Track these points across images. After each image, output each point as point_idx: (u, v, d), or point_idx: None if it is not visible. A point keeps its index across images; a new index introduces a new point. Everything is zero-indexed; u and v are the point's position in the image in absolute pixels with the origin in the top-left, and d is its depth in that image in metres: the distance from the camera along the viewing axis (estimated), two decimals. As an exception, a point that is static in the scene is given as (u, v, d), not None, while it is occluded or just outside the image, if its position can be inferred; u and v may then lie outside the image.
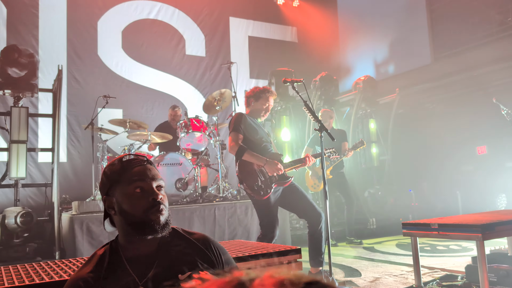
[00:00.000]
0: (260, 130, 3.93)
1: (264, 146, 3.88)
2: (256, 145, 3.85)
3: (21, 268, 2.22)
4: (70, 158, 7.35)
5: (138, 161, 1.45)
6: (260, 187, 3.72)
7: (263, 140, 3.89)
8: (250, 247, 2.58)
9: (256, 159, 3.74)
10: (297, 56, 9.98)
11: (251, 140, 3.85)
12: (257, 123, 3.98)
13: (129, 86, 8.05)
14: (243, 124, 3.85)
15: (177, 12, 8.74)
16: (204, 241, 1.48)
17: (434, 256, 4.96)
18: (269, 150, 3.90)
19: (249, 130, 3.86)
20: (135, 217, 1.38)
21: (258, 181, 3.74)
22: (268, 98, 3.95)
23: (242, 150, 3.75)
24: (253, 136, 3.86)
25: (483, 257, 2.82)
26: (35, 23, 7.40)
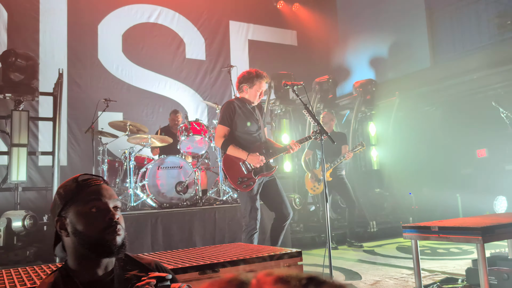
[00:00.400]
0: (250, 118, 3.91)
1: (253, 136, 3.90)
2: (244, 135, 3.88)
3: (23, 271, 2.23)
4: (70, 161, 7.36)
5: (94, 181, 1.39)
6: (243, 180, 3.78)
7: (252, 130, 3.90)
8: (251, 250, 2.58)
9: (238, 153, 3.78)
10: (296, 60, 10.00)
11: (239, 131, 3.88)
12: (248, 109, 3.95)
13: (129, 89, 8.06)
14: (231, 115, 3.87)
15: (177, 16, 8.76)
16: (155, 265, 1.49)
17: (435, 259, 4.96)
18: (257, 140, 3.91)
19: (238, 121, 3.87)
20: (90, 237, 1.32)
21: (242, 174, 3.80)
22: (262, 82, 3.92)
23: (226, 144, 3.81)
24: (241, 127, 3.87)
25: (483, 260, 2.82)
26: (35, 27, 7.43)
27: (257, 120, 3.95)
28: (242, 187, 3.80)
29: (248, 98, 3.96)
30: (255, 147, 3.85)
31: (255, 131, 3.92)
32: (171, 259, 2.36)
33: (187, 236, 5.26)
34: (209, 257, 2.37)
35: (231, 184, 3.85)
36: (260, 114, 4.03)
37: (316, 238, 6.75)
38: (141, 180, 5.79)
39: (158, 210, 5.45)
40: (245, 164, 3.81)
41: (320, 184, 6.26)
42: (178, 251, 2.72)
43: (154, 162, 5.80)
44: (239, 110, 3.88)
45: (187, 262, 2.21)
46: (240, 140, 3.87)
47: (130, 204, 5.63)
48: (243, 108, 3.92)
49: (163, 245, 5.07)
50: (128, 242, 1.41)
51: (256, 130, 3.93)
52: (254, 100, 3.96)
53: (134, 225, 5.10)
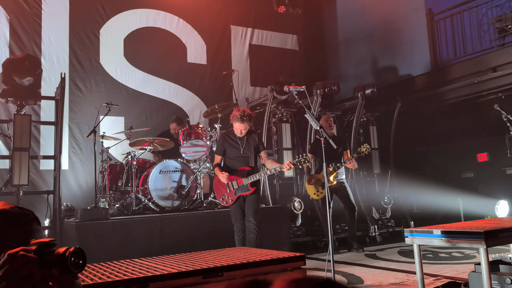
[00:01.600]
0: (236, 147, 4.73)
1: (237, 161, 4.73)
2: (230, 161, 4.78)
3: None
4: (72, 165, 7.36)
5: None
6: (224, 197, 4.71)
7: (237, 157, 4.74)
8: (254, 254, 2.58)
9: (218, 174, 4.70)
10: (297, 64, 10.02)
11: (228, 157, 4.81)
12: (236, 139, 4.75)
13: (131, 94, 8.07)
14: (222, 146, 4.81)
15: (178, 21, 8.79)
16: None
17: (437, 264, 4.95)
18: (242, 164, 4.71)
19: (227, 150, 4.78)
20: None
21: (225, 192, 4.69)
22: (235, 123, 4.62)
23: (214, 167, 4.80)
24: (229, 154, 4.78)
25: (486, 264, 2.82)
26: (38, 31, 7.45)
27: (240, 149, 4.73)
28: (224, 203, 4.78)
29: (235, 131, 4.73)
30: (238, 171, 4.69)
31: (240, 157, 4.72)
32: (175, 263, 2.36)
33: (188, 240, 5.26)
34: (213, 261, 2.37)
35: (217, 199, 4.88)
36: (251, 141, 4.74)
37: (317, 242, 6.74)
38: (143, 184, 5.79)
39: (159, 214, 5.45)
40: (228, 184, 4.65)
41: (324, 188, 6.25)
42: (181, 255, 2.72)
43: (155, 166, 5.80)
44: (228, 140, 4.77)
45: (191, 266, 2.21)
46: (228, 163, 4.81)
47: (132, 208, 5.63)
48: (229, 139, 4.78)
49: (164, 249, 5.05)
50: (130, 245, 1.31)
51: (242, 156, 4.72)
52: (237, 133, 4.69)
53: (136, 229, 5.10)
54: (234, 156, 4.74)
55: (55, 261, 0.99)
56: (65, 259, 0.99)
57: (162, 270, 2.13)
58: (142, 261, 2.54)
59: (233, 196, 4.65)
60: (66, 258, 0.99)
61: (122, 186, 6.17)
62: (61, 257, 0.99)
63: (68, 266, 0.99)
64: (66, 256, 0.99)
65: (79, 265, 1.01)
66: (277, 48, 9.93)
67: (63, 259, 0.99)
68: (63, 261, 0.99)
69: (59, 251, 1.00)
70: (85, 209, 5.17)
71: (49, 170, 6.59)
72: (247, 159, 4.74)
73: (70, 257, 0.99)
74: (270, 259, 2.38)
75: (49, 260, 0.99)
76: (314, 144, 6.39)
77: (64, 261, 0.99)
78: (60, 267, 0.99)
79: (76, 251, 1.01)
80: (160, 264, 2.37)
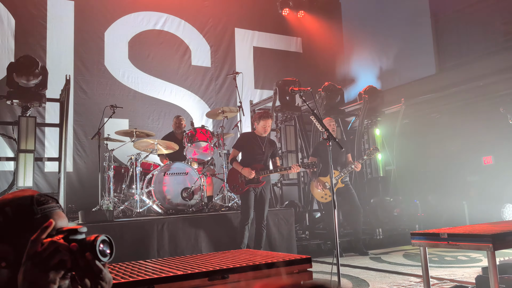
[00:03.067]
0: (256, 146, 5.28)
1: (255, 159, 5.27)
2: (249, 158, 5.29)
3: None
4: (76, 167, 7.37)
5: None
6: (235, 186, 5.26)
7: (255, 154, 5.29)
8: (259, 256, 2.57)
9: (237, 167, 5.22)
10: (302, 67, 10.01)
11: (246, 153, 5.33)
12: (258, 140, 5.31)
13: (135, 96, 8.09)
14: (241, 143, 5.36)
15: (183, 23, 8.81)
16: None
17: (443, 267, 4.92)
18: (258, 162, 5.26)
19: (246, 147, 5.32)
20: None
21: (237, 182, 5.23)
22: (266, 121, 5.24)
23: (232, 161, 5.33)
24: (248, 151, 5.32)
25: (494, 268, 2.79)
26: (43, 34, 7.48)
27: (261, 149, 5.30)
28: (234, 191, 5.44)
29: (258, 131, 5.33)
30: (254, 166, 5.19)
31: (257, 156, 5.28)
32: (180, 265, 2.35)
33: (193, 242, 5.25)
34: (218, 263, 2.35)
35: (229, 187, 5.51)
36: (269, 146, 5.37)
37: (322, 245, 6.71)
38: (147, 186, 5.79)
39: (164, 216, 5.44)
40: (241, 175, 5.18)
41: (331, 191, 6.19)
42: (186, 257, 2.71)
43: (160, 168, 5.80)
44: (248, 140, 5.33)
45: (196, 268, 2.20)
46: (245, 159, 5.31)
47: (136, 210, 5.62)
48: (253, 139, 5.34)
49: (169, 251, 5.05)
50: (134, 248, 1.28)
51: (259, 155, 5.28)
52: (262, 133, 5.30)
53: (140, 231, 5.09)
54: (253, 154, 5.27)
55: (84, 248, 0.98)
56: (94, 247, 0.98)
57: (168, 272, 2.12)
58: (147, 263, 2.53)
59: (243, 186, 5.19)
60: (95, 246, 0.98)
61: (126, 188, 6.17)
62: (90, 244, 0.98)
63: (96, 253, 0.98)
64: (95, 244, 0.98)
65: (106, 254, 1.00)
66: (281, 51, 9.94)
67: (92, 247, 0.98)
68: (92, 249, 0.98)
69: (90, 238, 1.00)
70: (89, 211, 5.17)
71: (54, 172, 6.60)
72: (263, 157, 5.31)
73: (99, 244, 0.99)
74: (276, 261, 2.36)
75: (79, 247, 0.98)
76: (318, 147, 6.38)
77: (93, 249, 0.98)
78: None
79: (105, 240, 1.01)
80: (166, 266, 2.36)
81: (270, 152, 5.39)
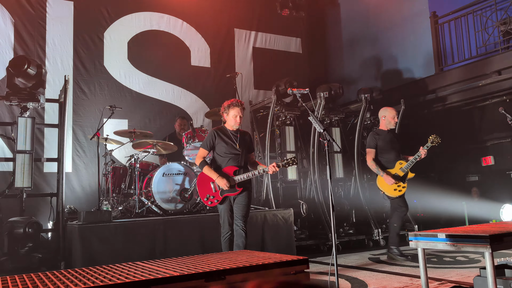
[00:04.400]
0: (229, 144, 4.48)
1: (229, 158, 4.48)
2: (221, 157, 4.50)
3: (27, 278, 2.22)
4: (75, 168, 7.37)
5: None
6: (209, 197, 4.48)
7: (228, 153, 4.48)
8: (257, 257, 2.57)
9: (210, 174, 4.43)
10: (301, 67, 10.01)
11: (218, 154, 4.52)
12: (230, 135, 4.53)
13: (134, 96, 8.09)
14: (211, 141, 4.52)
15: (182, 24, 8.80)
16: None
17: (441, 268, 4.91)
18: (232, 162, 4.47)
19: (218, 146, 4.51)
20: None
21: (210, 192, 4.48)
22: (234, 109, 4.46)
23: (202, 164, 4.50)
24: (220, 151, 4.51)
25: (492, 269, 2.79)
26: (42, 34, 7.48)
27: (235, 146, 4.49)
28: (208, 203, 4.56)
29: (229, 124, 4.54)
30: (226, 169, 4.46)
31: (231, 155, 4.48)
32: (177, 266, 2.34)
33: (191, 243, 5.25)
34: (215, 264, 2.35)
35: (200, 198, 4.68)
36: (243, 140, 4.56)
37: (320, 245, 6.71)
38: (146, 187, 5.79)
39: (163, 217, 5.45)
40: (214, 184, 4.44)
41: (405, 182, 5.72)
42: (184, 258, 2.71)
43: (159, 169, 5.80)
44: (220, 137, 4.49)
45: (193, 269, 2.20)
46: (217, 160, 4.52)
47: (135, 211, 5.62)
48: (222, 134, 4.52)
49: (168, 252, 5.05)
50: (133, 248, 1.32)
51: (233, 154, 4.48)
52: (233, 125, 4.51)
53: (139, 231, 5.09)
54: (225, 152, 4.48)
55: None
56: None
57: (164, 273, 2.11)
58: (144, 264, 2.53)
59: (219, 197, 4.44)
60: None
61: (125, 189, 6.17)
62: None
63: None
64: None
65: None
66: (281, 51, 9.93)
67: None
68: None
69: None
70: (88, 211, 5.17)
71: (53, 172, 6.59)
72: (238, 157, 4.51)
73: None
74: (273, 262, 2.36)
75: None
76: (374, 136, 5.90)
77: None
78: None
79: None
80: (162, 267, 2.35)
81: (245, 148, 4.59)
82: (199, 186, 4.59)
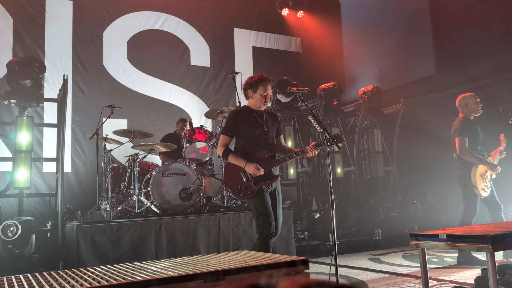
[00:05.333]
0: (254, 125, 3.81)
1: (258, 143, 3.81)
2: (249, 143, 3.80)
3: (25, 279, 2.20)
4: (74, 168, 7.35)
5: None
6: (241, 189, 3.71)
7: (257, 137, 3.80)
8: (256, 257, 2.54)
9: (237, 162, 3.72)
10: (301, 67, 10.00)
11: (244, 139, 3.82)
12: (253, 116, 3.86)
13: (134, 96, 8.07)
14: (234, 124, 3.82)
15: (182, 23, 8.79)
16: None
17: (442, 268, 4.89)
18: (263, 146, 3.81)
19: (242, 129, 3.81)
20: None
21: (241, 183, 3.72)
22: (266, 86, 3.81)
23: (226, 153, 3.79)
24: (245, 134, 3.81)
25: (493, 269, 2.77)
26: (41, 33, 7.46)
27: (263, 126, 3.83)
28: (240, 196, 3.78)
29: (254, 104, 3.87)
30: (259, 154, 3.77)
31: (260, 138, 3.81)
32: (176, 267, 2.32)
33: (191, 243, 5.23)
34: (214, 265, 2.33)
35: (231, 192, 3.88)
36: (272, 121, 3.93)
37: (321, 246, 6.69)
38: (145, 187, 5.76)
39: (162, 217, 5.42)
40: (244, 172, 3.72)
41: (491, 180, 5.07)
42: (183, 259, 2.68)
43: (158, 169, 5.78)
44: (242, 119, 3.83)
45: (192, 270, 2.17)
46: (245, 147, 3.81)
47: (134, 211, 5.60)
48: (247, 116, 3.84)
49: (167, 252, 5.03)
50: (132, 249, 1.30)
51: (261, 136, 3.82)
52: (260, 105, 3.85)
53: (138, 232, 5.06)
54: (253, 136, 3.80)
55: None
56: None
57: (163, 274, 2.09)
58: (143, 264, 2.51)
59: (253, 188, 3.70)
60: None
61: (124, 189, 6.14)
62: None
63: None
64: None
65: None
66: (281, 51, 9.92)
67: None
68: None
69: None
70: (87, 211, 5.14)
71: (52, 172, 6.57)
72: (268, 140, 3.87)
73: None
74: (273, 263, 2.34)
75: None
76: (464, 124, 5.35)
77: None
78: None
79: None
80: (161, 267, 2.33)
81: (274, 130, 3.97)
82: (227, 178, 3.85)
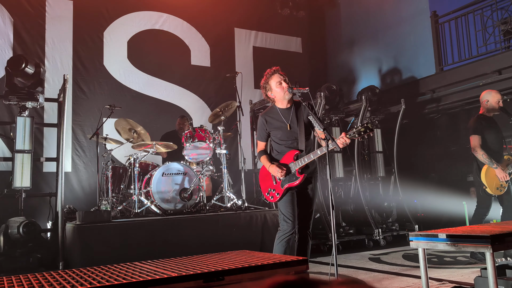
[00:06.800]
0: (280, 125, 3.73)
1: (285, 143, 3.75)
2: (279, 145, 3.79)
3: (24, 279, 2.20)
4: (74, 168, 7.36)
5: None
6: (270, 191, 3.74)
7: (282, 136, 3.74)
8: (256, 257, 2.55)
9: (265, 164, 3.76)
10: (301, 66, 9.99)
11: (275, 141, 3.82)
12: (279, 114, 3.76)
13: (134, 96, 8.07)
14: (262, 127, 3.83)
15: (182, 23, 8.79)
16: None
17: (442, 268, 4.89)
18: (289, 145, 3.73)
19: (272, 132, 3.80)
20: None
21: (272, 185, 3.76)
22: (274, 75, 3.78)
23: (258, 156, 3.86)
24: (275, 137, 3.81)
25: (493, 269, 2.77)
26: (41, 33, 7.46)
27: (286, 124, 3.72)
28: (270, 198, 3.78)
29: (278, 98, 3.78)
30: (287, 154, 3.71)
31: (285, 136, 3.74)
32: (175, 267, 2.33)
33: (191, 243, 5.23)
34: (214, 265, 2.33)
35: (263, 194, 3.87)
36: (298, 114, 3.75)
37: (321, 245, 6.69)
38: (145, 187, 5.77)
39: (162, 217, 5.43)
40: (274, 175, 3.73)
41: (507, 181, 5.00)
42: (182, 259, 2.69)
43: (158, 169, 5.78)
44: (269, 122, 3.79)
45: (192, 270, 2.18)
46: (275, 148, 3.82)
47: (134, 211, 5.60)
48: (272, 115, 3.80)
49: (167, 252, 5.03)
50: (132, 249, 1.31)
51: (286, 134, 3.73)
52: (283, 95, 3.73)
53: (137, 232, 5.07)
54: (280, 137, 3.75)
55: None
56: None
57: (162, 274, 2.10)
58: (143, 264, 2.51)
59: (280, 189, 3.68)
60: None
61: (124, 189, 6.15)
62: None
63: None
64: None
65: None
66: (281, 51, 9.91)
67: None
68: None
69: None
70: (87, 211, 5.15)
71: (52, 172, 6.58)
72: (294, 136, 3.73)
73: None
74: (273, 263, 2.34)
75: None
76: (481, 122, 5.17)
77: None
78: None
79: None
80: (161, 267, 2.33)
81: (302, 123, 3.74)
82: (261, 180, 3.86)
